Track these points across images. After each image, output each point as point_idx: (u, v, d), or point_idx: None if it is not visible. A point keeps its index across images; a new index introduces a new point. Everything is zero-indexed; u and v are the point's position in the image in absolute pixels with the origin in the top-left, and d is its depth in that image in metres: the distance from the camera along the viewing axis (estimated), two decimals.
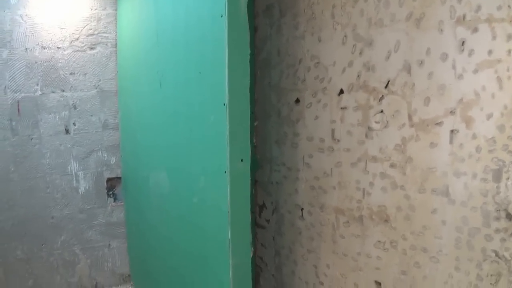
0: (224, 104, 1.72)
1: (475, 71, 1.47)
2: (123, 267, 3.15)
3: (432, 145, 1.62)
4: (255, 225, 2.68)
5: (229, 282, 1.83)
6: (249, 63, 1.75)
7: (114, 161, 2.97)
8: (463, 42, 1.48)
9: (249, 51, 1.73)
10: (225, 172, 1.76)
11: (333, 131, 2.04)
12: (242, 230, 1.82)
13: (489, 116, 1.45)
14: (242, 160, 1.77)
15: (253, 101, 2.46)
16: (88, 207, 2.93)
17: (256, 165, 2.57)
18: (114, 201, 3.02)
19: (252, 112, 1.94)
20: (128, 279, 3.19)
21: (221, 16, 1.69)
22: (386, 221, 1.85)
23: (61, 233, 2.87)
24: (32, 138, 2.71)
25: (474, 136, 1.49)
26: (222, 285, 1.89)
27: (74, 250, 2.94)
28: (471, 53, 1.47)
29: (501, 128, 1.42)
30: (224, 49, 1.69)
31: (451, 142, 1.56)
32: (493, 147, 1.45)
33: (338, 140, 2.02)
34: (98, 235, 3.01)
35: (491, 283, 1.53)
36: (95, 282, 3.07)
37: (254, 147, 2.55)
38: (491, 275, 1.52)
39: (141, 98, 2.55)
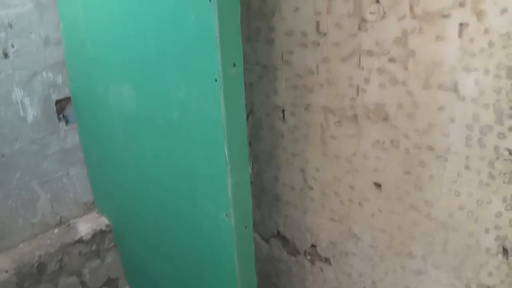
0: None
1: None
2: (85, 195, 3.12)
3: (438, 38, 1.62)
4: None
5: (228, 202, 1.84)
6: None
7: (61, 80, 2.81)
8: None
9: None
10: (216, 80, 1.67)
11: (318, 23, 1.99)
12: (240, 145, 1.81)
13: (504, 11, 1.45)
14: (235, 65, 1.68)
15: None
16: (40, 136, 2.81)
17: None
18: (66, 125, 2.90)
19: None
20: (92, 207, 3.18)
21: None
22: (385, 119, 1.88)
23: (15, 170, 2.77)
24: None
25: (487, 31, 1.50)
26: (219, 206, 1.91)
27: (31, 187, 2.86)
28: None
29: None
30: None
31: (460, 36, 1.56)
32: (508, 42, 1.47)
33: (325, 34, 1.98)
34: (54, 165, 2.92)
35: (504, 182, 1.61)
36: (59, 217, 3.04)
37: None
38: (504, 174, 1.60)
39: (88, 5, 2.36)
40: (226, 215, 1.88)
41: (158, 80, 2.03)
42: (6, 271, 2.68)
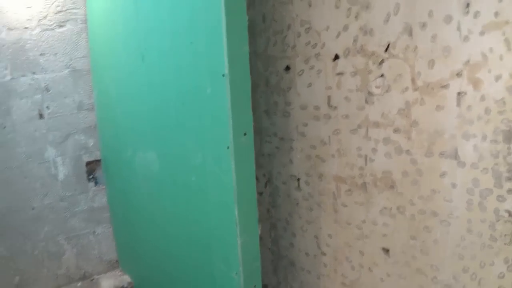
0: (223, 75, 1.71)
1: (482, 33, 1.52)
2: (110, 253, 3.18)
3: (439, 108, 1.68)
4: None
5: (238, 261, 1.87)
6: (247, 31, 1.73)
7: (92, 143, 2.95)
8: (468, 4, 1.53)
9: (247, 18, 1.72)
10: (228, 147, 1.77)
11: (329, 98, 2.09)
12: (249, 207, 1.87)
13: (498, 78, 1.51)
14: (245, 134, 1.78)
15: None
16: (69, 194, 2.92)
17: None
18: (95, 186, 3.01)
19: None
20: (116, 265, 3.22)
21: None
22: (392, 187, 1.92)
23: (44, 224, 2.86)
24: (5, 127, 2.67)
25: (483, 98, 1.55)
26: (229, 265, 1.94)
27: (58, 241, 2.94)
28: (476, 15, 1.52)
29: (510, 89, 1.49)
30: (220, 16, 1.66)
31: (458, 104, 1.62)
32: (503, 108, 1.51)
33: (335, 107, 2.07)
34: (81, 223, 3.01)
35: (505, 243, 1.62)
36: (83, 272, 3.08)
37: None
38: (504, 235, 1.61)
39: (119, 74, 2.53)
40: (236, 273, 1.91)
41: (178, 147, 2.13)
42: None
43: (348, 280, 2.25)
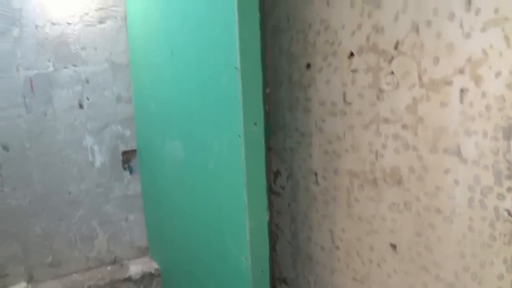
0: (236, 68, 1.80)
1: (483, 30, 1.51)
2: (141, 240, 3.28)
3: (443, 104, 1.67)
4: (271, 192, 2.77)
5: (247, 245, 1.92)
6: (259, 28, 1.83)
7: (129, 134, 3.06)
8: (470, 1, 1.53)
9: (258, 16, 1.81)
10: (239, 136, 1.84)
11: (344, 94, 2.11)
12: (258, 193, 1.91)
13: (498, 74, 1.49)
14: (255, 124, 1.85)
15: (264, 68, 2.53)
16: (104, 180, 3.04)
17: (270, 132, 2.65)
18: (130, 174, 3.12)
19: (264, 79, 2.01)
20: (146, 252, 3.32)
21: None
22: (400, 182, 1.92)
23: (79, 208, 2.99)
24: (46, 115, 2.81)
25: (484, 95, 1.54)
26: (239, 249, 1.99)
27: (92, 225, 3.06)
28: (478, 11, 1.51)
29: (510, 86, 1.46)
30: (233, 14, 1.77)
31: (461, 101, 1.61)
32: (503, 105, 1.49)
33: (350, 103, 2.09)
34: (115, 209, 3.12)
35: (504, 243, 1.58)
36: (114, 256, 3.19)
37: (267, 114, 2.62)
38: (504, 235, 1.58)
39: (153, 69, 2.64)
40: (245, 258, 1.96)
41: (200, 135, 2.22)
42: None
43: (359, 275, 2.25)
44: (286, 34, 2.40)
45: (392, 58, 1.83)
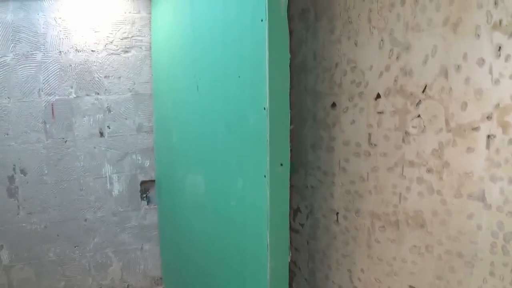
0: (264, 108, 1.80)
1: None
2: (155, 270, 3.28)
3: (469, 150, 1.69)
4: (290, 229, 2.76)
5: (267, 284, 1.92)
6: (288, 68, 1.83)
7: (148, 164, 3.09)
8: (500, 48, 1.55)
9: (289, 56, 1.81)
10: (265, 176, 1.85)
11: (369, 135, 2.12)
12: (281, 234, 1.92)
13: None
14: (281, 165, 1.86)
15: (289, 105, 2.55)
16: (122, 209, 3.06)
17: (292, 169, 2.66)
18: (147, 204, 3.14)
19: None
20: (160, 282, 3.31)
21: (262, 21, 1.77)
22: (422, 225, 1.92)
23: (94, 235, 3.01)
24: (66, 141, 2.86)
25: (511, 142, 1.55)
26: (258, 287, 1.99)
27: (106, 253, 3.07)
28: (507, 58, 1.53)
29: None
30: (264, 53, 1.77)
31: (487, 147, 1.62)
32: None
33: (375, 145, 2.10)
34: (131, 238, 3.14)
35: None
36: (127, 285, 3.19)
37: (290, 151, 2.64)
38: None
39: (176, 101, 2.67)
40: None
41: (223, 172, 2.23)
42: None
43: None
44: (312, 73, 2.43)
45: (420, 101, 1.85)
